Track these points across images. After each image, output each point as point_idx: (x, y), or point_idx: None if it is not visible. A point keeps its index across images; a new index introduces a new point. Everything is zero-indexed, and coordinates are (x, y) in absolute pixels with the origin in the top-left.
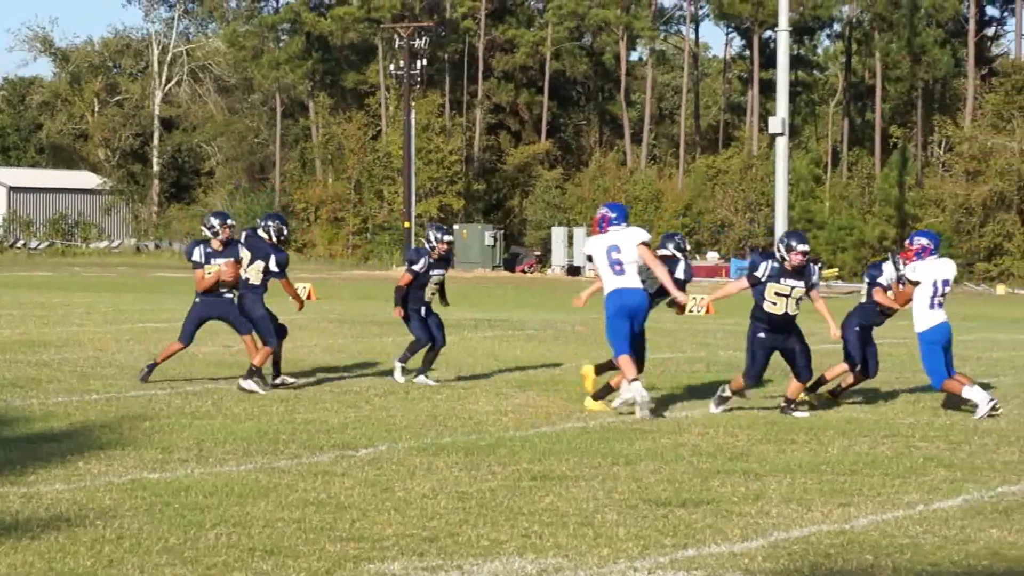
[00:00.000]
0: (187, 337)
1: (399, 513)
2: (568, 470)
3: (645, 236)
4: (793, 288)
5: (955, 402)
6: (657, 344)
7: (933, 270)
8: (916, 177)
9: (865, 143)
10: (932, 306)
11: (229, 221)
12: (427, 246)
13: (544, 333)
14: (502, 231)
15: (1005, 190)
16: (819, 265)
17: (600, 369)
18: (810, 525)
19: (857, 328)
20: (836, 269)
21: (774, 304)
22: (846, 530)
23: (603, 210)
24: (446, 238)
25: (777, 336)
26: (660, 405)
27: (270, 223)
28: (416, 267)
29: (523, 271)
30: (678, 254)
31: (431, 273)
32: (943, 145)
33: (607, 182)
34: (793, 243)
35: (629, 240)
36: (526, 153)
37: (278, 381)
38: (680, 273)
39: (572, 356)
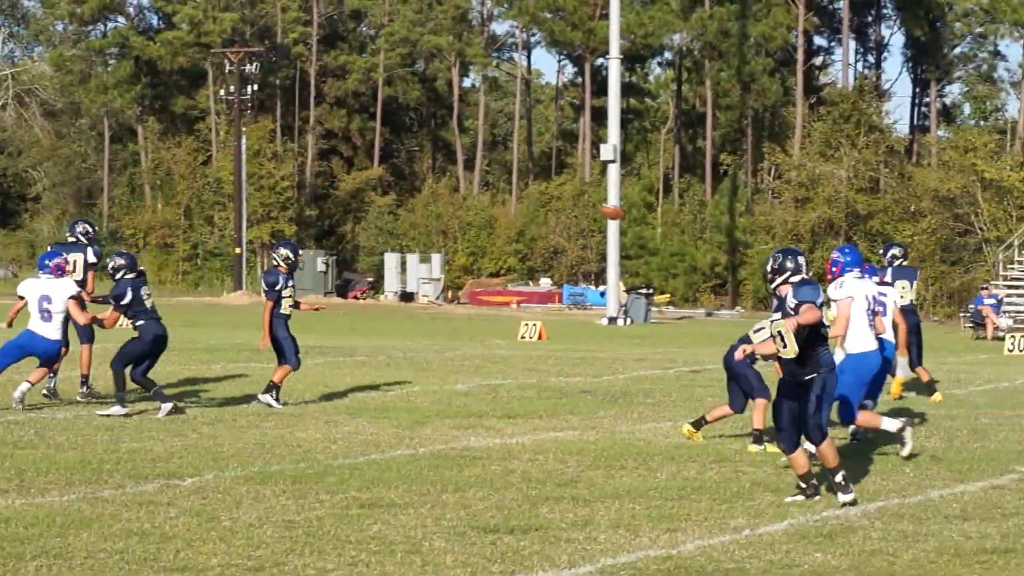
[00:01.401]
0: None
1: (224, 543)
2: (397, 498)
3: (75, 290)
4: (773, 323)
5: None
6: (488, 371)
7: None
8: (746, 204)
9: (696, 170)
10: None
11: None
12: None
13: (375, 359)
14: (334, 257)
15: (833, 217)
16: (650, 291)
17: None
18: (638, 550)
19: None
20: (667, 295)
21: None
22: (673, 555)
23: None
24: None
25: (786, 386)
26: (489, 432)
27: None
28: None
29: (356, 297)
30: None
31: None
32: (772, 172)
33: (440, 208)
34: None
35: (61, 292)
36: (358, 179)
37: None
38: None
39: (403, 383)
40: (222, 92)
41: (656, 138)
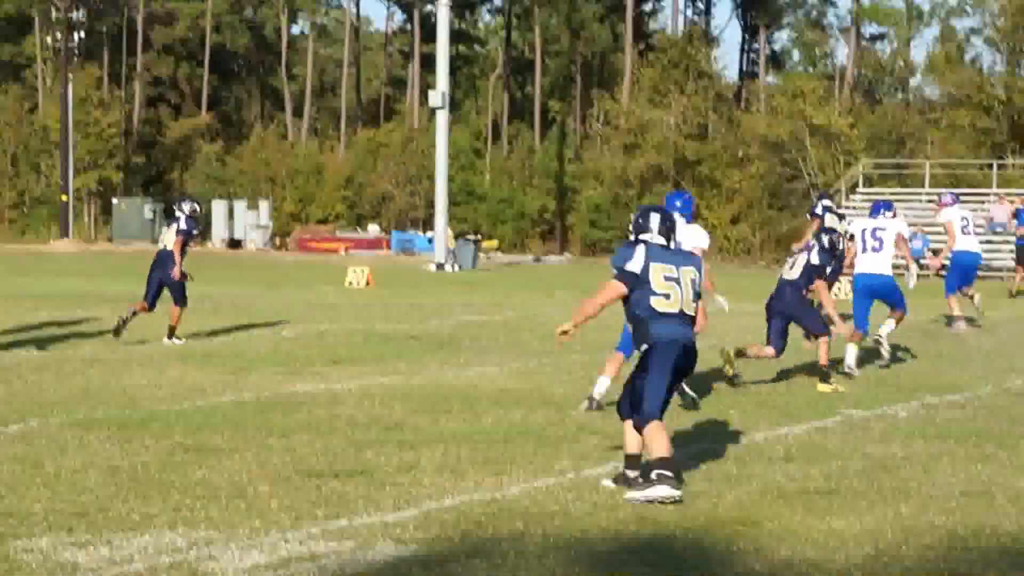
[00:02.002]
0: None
1: (48, 488)
2: (222, 443)
3: None
4: None
5: None
6: (315, 317)
7: None
8: (575, 150)
9: (525, 117)
10: None
11: None
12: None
13: (201, 306)
14: (162, 205)
15: (662, 163)
16: (478, 237)
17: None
18: (462, 494)
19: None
20: (496, 241)
21: None
22: (498, 498)
23: None
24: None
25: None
26: (315, 377)
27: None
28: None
29: None
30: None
31: None
32: (601, 119)
33: (268, 155)
34: None
35: None
36: (186, 126)
37: None
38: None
39: (229, 329)
40: (49, 39)
41: (485, 85)
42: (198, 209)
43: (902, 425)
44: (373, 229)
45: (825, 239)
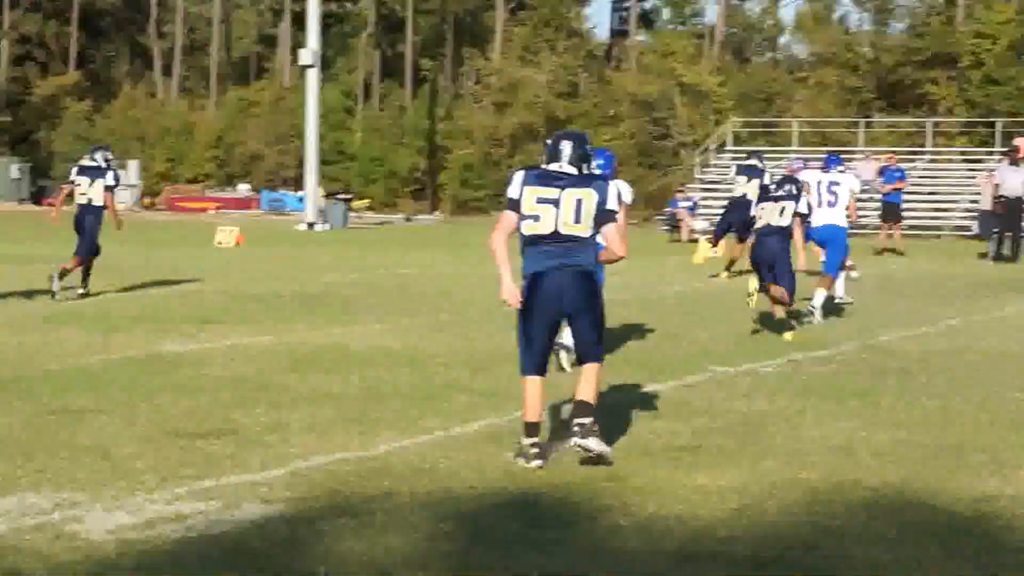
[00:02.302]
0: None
1: None
2: (88, 404)
3: None
4: None
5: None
6: (183, 277)
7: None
8: (447, 109)
9: (397, 75)
10: None
11: None
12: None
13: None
14: (29, 164)
15: (533, 122)
16: (349, 196)
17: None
18: (330, 453)
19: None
20: (367, 200)
21: None
22: (365, 457)
23: None
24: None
25: None
26: (183, 337)
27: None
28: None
29: (51, 204)
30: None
31: None
32: (473, 78)
33: (137, 113)
34: None
35: None
36: (54, 85)
37: None
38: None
39: (96, 289)
40: None
41: (356, 43)
42: (111, 157)
43: (768, 381)
44: (243, 188)
45: (790, 187)
